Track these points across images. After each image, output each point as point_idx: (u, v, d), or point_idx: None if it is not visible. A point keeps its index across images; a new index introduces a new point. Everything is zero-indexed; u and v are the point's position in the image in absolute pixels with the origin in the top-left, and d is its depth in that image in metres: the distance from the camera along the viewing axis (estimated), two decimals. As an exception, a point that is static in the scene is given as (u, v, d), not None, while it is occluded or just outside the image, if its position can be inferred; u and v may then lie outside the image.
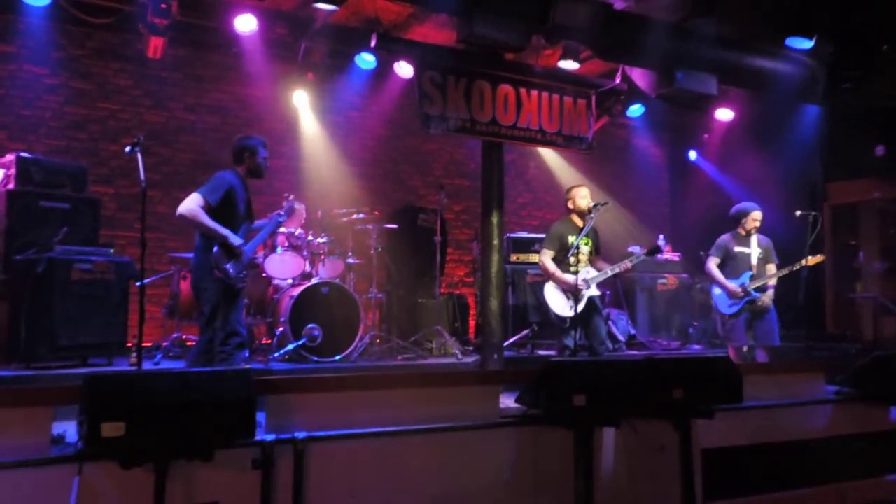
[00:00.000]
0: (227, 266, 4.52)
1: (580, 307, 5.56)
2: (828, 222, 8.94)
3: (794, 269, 6.16)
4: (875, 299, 8.43)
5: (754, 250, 6.25)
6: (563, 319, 5.54)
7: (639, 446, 3.56)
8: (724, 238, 6.38)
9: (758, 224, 6.27)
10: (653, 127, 10.48)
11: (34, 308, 5.25)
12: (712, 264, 6.33)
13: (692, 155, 10.48)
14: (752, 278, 6.14)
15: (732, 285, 6.16)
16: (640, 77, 7.61)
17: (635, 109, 9.04)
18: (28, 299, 5.30)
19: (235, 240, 4.55)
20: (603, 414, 3.34)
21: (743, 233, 6.30)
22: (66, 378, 4.92)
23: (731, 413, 3.76)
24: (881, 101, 7.88)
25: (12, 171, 5.67)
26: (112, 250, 5.96)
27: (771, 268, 6.21)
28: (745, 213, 6.29)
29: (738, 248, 6.28)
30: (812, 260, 6.39)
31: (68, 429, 2.71)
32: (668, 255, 8.87)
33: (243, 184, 4.78)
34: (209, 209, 4.48)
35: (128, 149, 4.45)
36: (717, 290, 6.35)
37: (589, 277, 5.64)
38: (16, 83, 7.20)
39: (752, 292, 6.11)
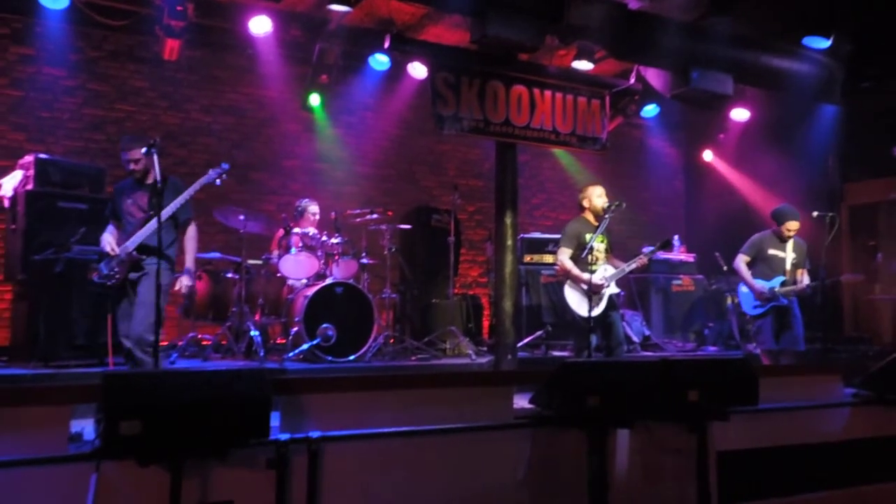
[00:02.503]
0: (100, 266, 4.61)
1: (602, 306, 5.53)
2: (846, 223, 8.84)
3: (829, 284, 6.04)
4: (894, 301, 8.33)
5: (789, 255, 6.03)
6: (585, 319, 5.45)
7: (653, 448, 3.54)
8: (760, 237, 6.17)
9: (793, 234, 6.03)
10: (667, 127, 10.43)
11: (52, 307, 5.31)
12: (741, 262, 6.14)
13: (707, 155, 10.40)
14: (784, 284, 5.96)
15: (760, 286, 5.99)
16: (654, 77, 7.57)
17: (650, 109, 9.00)
18: (46, 299, 5.37)
19: (104, 244, 4.64)
20: (617, 415, 3.32)
21: (779, 236, 6.08)
22: (83, 377, 4.97)
23: (747, 415, 3.72)
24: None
25: (31, 172, 5.73)
26: (129, 250, 6.01)
27: (801, 272, 6.04)
28: (782, 220, 6.02)
29: (772, 251, 6.05)
30: (849, 278, 6.26)
31: (86, 427, 2.74)
32: (683, 255, 8.81)
33: (131, 186, 4.78)
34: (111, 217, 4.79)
35: (144, 150, 4.51)
36: (744, 289, 6.16)
37: (607, 275, 5.61)
38: (35, 85, 7.29)
39: (781, 298, 5.93)
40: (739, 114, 8.90)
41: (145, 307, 4.40)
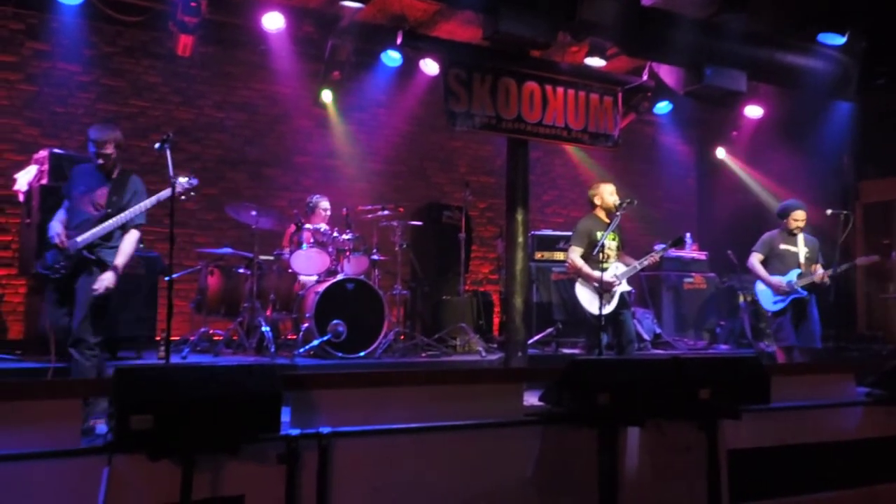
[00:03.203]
0: (46, 255, 4.40)
1: (613, 303, 5.52)
2: (860, 221, 8.76)
3: (844, 268, 6.04)
4: (908, 300, 8.27)
5: (801, 249, 6.09)
6: (596, 317, 5.43)
7: (664, 447, 3.52)
8: (770, 234, 6.24)
9: (800, 224, 6.10)
10: (680, 124, 10.37)
11: (65, 302, 5.33)
12: (755, 260, 6.17)
13: (720, 153, 10.34)
14: (801, 276, 6.00)
15: (777, 280, 6.02)
16: (667, 74, 7.53)
17: (662, 106, 8.95)
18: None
19: (53, 234, 4.36)
20: (627, 413, 3.31)
21: (788, 231, 6.15)
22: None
23: (759, 414, 3.70)
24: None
25: (45, 167, 5.78)
26: (142, 245, 6.05)
27: (817, 267, 6.06)
28: (787, 213, 6.14)
29: (783, 246, 6.12)
30: (865, 260, 6.28)
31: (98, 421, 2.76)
32: (695, 253, 8.77)
33: (91, 175, 4.51)
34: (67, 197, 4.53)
35: (157, 145, 4.53)
36: (760, 287, 6.18)
37: (618, 273, 5.59)
38: (49, 81, 7.35)
39: (799, 290, 5.96)
40: (753, 111, 8.84)
41: (85, 309, 4.26)
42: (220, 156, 8.13)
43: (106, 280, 4.34)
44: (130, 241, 4.51)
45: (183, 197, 4.57)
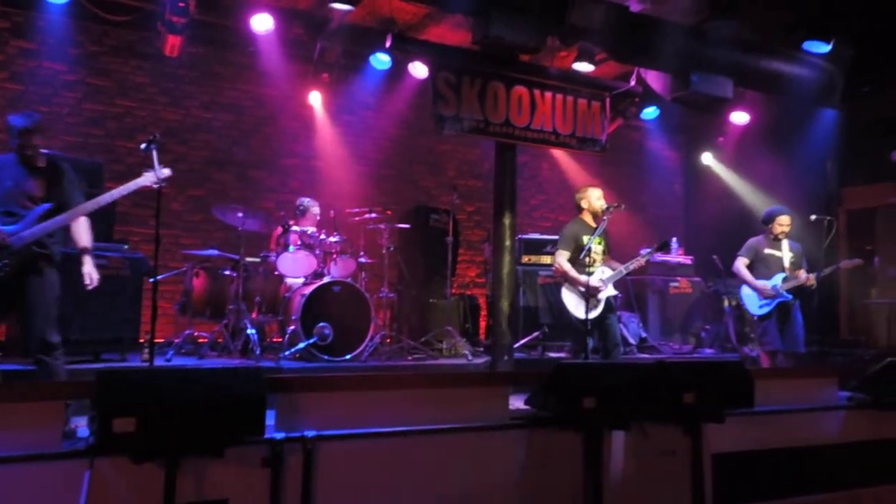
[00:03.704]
0: None
1: (599, 308, 5.54)
2: (843, 227, 8.86)
3: (828, 272, 6.11)
4: (890, 305, 8.35)
5: (786, 254, 6.19)
6: (582, 321, 5.45)
7: (649, 450, 3.54)
8: (755, 240, 6.34)
9: (785, 229, 6.21)
10: (667, 130, 10.44)
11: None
12: (741, 264, 6.27)
13: (707, 158, 10.41)
14: (786, 280, 6.08)
15: (762, 283, 6.10)
16: (654, 79, 7.58)
17: (650, 112, 9.01)
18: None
19: None
20: (613, 417, 3.32)
21: (773, 236, 6.25)
22: (78, 373, 4.95)
23: (743, 418, 3.73)
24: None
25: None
26: (126, 246, 6.02)
27: (802, 272, 6.13)
28: (772, 218, 6.25)
29: (768, 251, 6.22)
30: (848, 264, 6.37)
31: (80, 423, 2.73)
32: (681, 258, 8.82)
33: (14, 166, 4.18)
34: None
35: (143, 146, 4.47)
36: (746, 291, 6.27)
37: (605, 277, 5.61)
38: (35, 79, 7.28)
39: (784, 293, 6.04)
40: (739, 117, 8.91)
41: (44, 308, 4.02)
42: (206, 157, 8.09)
43: (91, 270, 4.17)
44: (87, 225, 4.25)
45: (156, 186, 4.29)
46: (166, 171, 4.33)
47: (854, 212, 9.12)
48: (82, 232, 4.23)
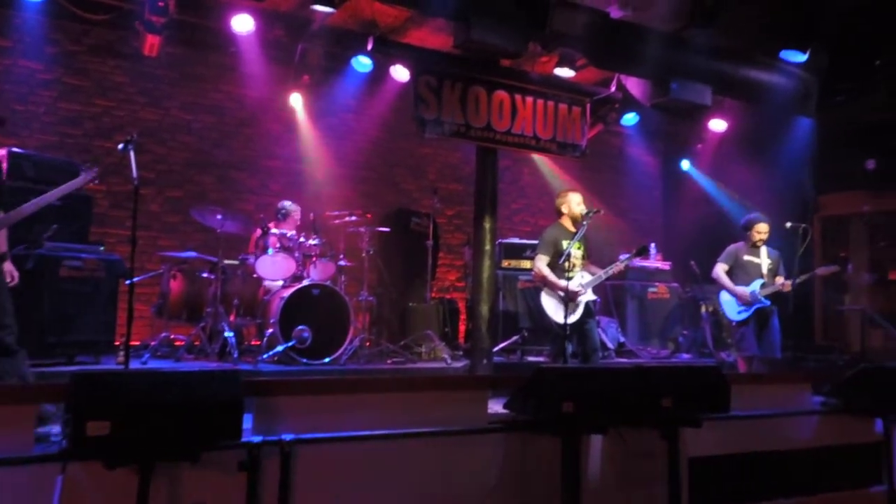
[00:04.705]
0: None
1: (578, 312, 5.56)
2: (818, 234, 9.00)
3: (804, 278, 6.20)
4: (863, 311, 8.48)
5: (764, 260, 6.26)
6: (562, 326, 5.44)
7: (626, 454, 3.56)
8: (735, 246, 6.40)
9: (763, 236, 6.28)
10: (647, 136, 10.52)
11: (22, 305, 5.19)
12: (720, 270, 6.32)
13: (685, 164, 10.52)
14: (763, 286, 6.15)
15: (741, 289, 6.17)
16: (634, 86, 7.64)
17: (629, 118, 9.08)
18: (16, 296, 5.26)
19: None
20: (591, 421, 3.33)
21: (752, 243, 6.32)
22: (52, 376, 4.88)
23: (719, 422, 3.76)
24: (873, 114, 7.95)
25: (4, 165, 5.62)
26: (102, 248, 5.94)
27: (780, 279, 6.21)
28: (751, 225, 6.32)
29: (747, 257, 6.29)
30: (824, 270, 6.46)
31: (53, 427, 2.69)
32: (659, 263, 8.89)
33: None
34: None
35: (121, 146, 4.43)
36: (725, 297, 6.33)
37: (584, 282, 5.64)
38: (10, 78, 7.18)
39: (762, 299, 6.11)
40: (717, 124, 9.01)
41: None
42: (186, 158, 8.02)
43: (13, 269, 4.14)
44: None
45: (86, 185, 4.39)
46: (93, 172, 4.39)
47: (829, 219, 9.27)
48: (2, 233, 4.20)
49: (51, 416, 2.90)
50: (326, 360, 6.10)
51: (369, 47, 6.78)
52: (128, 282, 4.40)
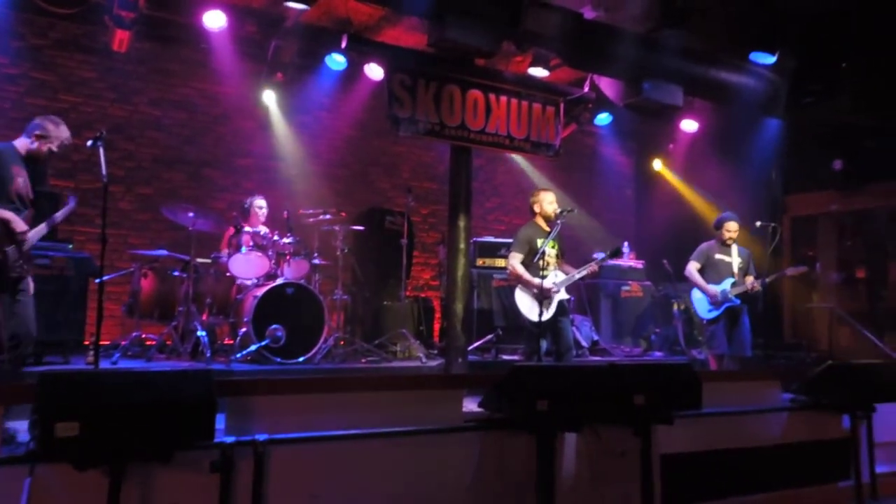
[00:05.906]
0: (8, 249, 3.98)
1: (552, 310, 5.59)
2: (787, 234, 9.15)
3: (774, 277, 6.30)
4: (831, 310, 8.65)
5: (735, 259, 6.37)
6: (535, 324, 5.51)
7: (600, 451, 3.59)
8: (706, 245, 6.51)
9: (733, 235, 6.39)
10: (619, 136, 10.63)
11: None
12: (693, 268, 6.43)
13: (657, 164, 10.63)
14: (734, 285, 6.25)
15: (713, 289, 6.26)
16: (607, 86, 7.70)
17: (603, 118, 9.15)
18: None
19: (19, 224, 4.01)
20: (565, 419, 3.36)
21: (722, 242, 6.42)
22: (25, 375, 4.78)
23: (691, 419, 3.81)
24: (840, 116, 8.10)
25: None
26: (71, 246, 5.84)
27: (749, 278, 6.32)
28: (721, 224, 6.44)
29: (718, 256, 6.40)
30: (794, 271, 6.57)
31: (20, 428, 2.64)
32: (632, 262, 8.97)
33: (16, 161, 4.13)
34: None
35: (90, 143, 4.37)
36: (696, 295, 6.43)
37: (558, 281, 5.67)
38: (-26, 72, 7.03)
39: (733, 298, 6.20)
40: (688, 125, 9.12)
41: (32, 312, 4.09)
42: (155, 155, 7.91)
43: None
44: None
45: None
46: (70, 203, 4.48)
47: (798, 218, 9.43)
48: None
49: None
50: (300, 359, 6.06)
51: (343, 45, 6.73)
52: (97, 280, 4.33)
